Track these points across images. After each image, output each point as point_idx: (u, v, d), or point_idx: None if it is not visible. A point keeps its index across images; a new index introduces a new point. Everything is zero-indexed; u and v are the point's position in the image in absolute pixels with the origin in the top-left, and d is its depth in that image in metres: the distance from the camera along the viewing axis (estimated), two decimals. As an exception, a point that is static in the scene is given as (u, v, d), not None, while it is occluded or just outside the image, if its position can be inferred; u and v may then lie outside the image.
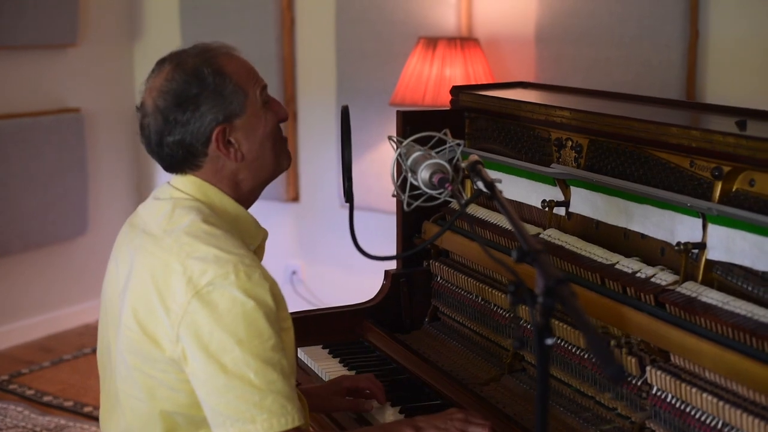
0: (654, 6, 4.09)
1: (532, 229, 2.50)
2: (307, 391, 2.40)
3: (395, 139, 2.09)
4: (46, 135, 5.51)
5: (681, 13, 4.02)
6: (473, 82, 4.31)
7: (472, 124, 2.89)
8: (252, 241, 2.08)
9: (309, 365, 2.72)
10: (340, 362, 2.69)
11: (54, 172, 5.58)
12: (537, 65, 4.55)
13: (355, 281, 5.19)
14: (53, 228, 5.58)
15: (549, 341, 1.43)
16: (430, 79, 4.42)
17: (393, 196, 2.08)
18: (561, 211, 2.50)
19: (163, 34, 6.00)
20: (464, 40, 4.49)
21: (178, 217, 1.98)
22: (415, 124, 2.80)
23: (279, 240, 5.74)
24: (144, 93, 2.04)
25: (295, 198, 5.63)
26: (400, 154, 2.06)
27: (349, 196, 2.13)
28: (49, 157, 5.54)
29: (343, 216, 5.29)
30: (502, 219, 2.62)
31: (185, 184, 2.05)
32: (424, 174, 1.97)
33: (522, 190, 2.64)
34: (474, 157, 1.99)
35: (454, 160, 2.01)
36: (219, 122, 2.00)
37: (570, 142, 2.48)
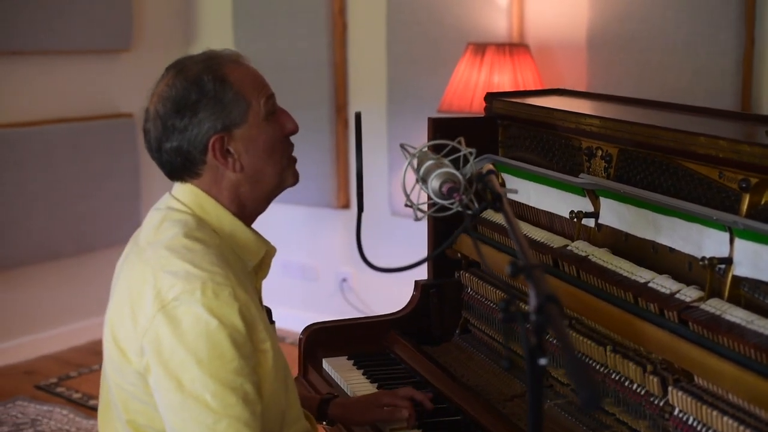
0: (708, 12, 3.98)
1: (560, 241, 2.42)
2: (345, 403, 2.37)
3: (408, 147, 2.02)
4: (98, 140, 5.54)
5: (735, 20, 3.91)
6: (521, 89, 4.23)
7: (505, 132, 2.81)
8: (251, 258, 2.03)
9: (332, 376, 2.67)
10: (363, 374, 2.64)
11: (106, 177, 5.61)
12: (588, 71, 4.46)
13: (406, 290, 5.12)
14: (106, 232, 5.61)
15: (542, 362, 1.36)
16: (478, 86, 4.35)
17: (406, 206, 2.02)
18: (591, 222, 2.41)
19: (217, 40, 5.99)
20: (513, 46, 4.42)
21: (164, 230, 1.95)
22: (446, 132, 2.73)
23: (329, 247, 5.70)
24: (149, 98, 2.00)
25: (346, 205, 5.59)
26: (412, 163, 1.99)
27: (360, 204, 2.07)
28: (101, 162, 5.57)
29: (395, 224, 5.24)
30: (531, 229, 2.55)
31: (184, 194, 2.01)
32: (434, 183, 1.90)
33: (553, 200, 2.56)
34: (488, 167, 1.92)
35: (468, 169, 1.94)
36: (217, 131, 1.95)
37: (600, 152, 2.40)
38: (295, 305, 5.82)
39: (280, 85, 5.55)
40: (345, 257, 5.64)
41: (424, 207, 1.99)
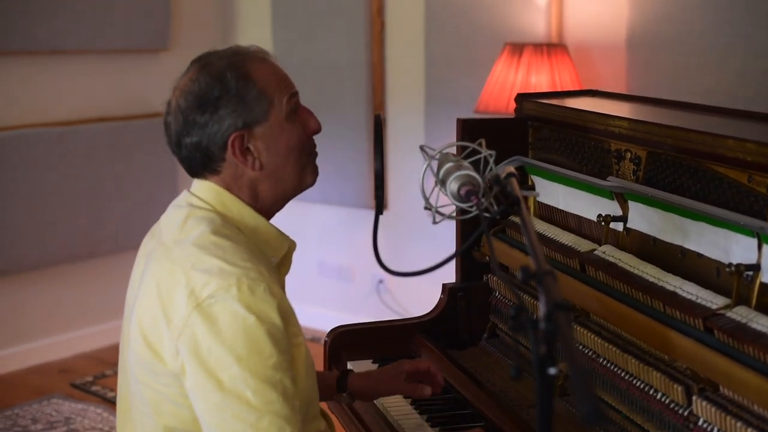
0: (748, 12, 3.90)
1: (587, 246, 2.38)
2: (367, 375, 2.37)
3: (427, 149, 1.99)
4: (136, 139, 5.56)
5: (777, 20, 3.82)
6: (559, 89, 4.18)
7: (535, 133, 2.77)
8: (274, 253, 2.01)
9: (355, 380, 2.64)
10: (387, 378, 2.60)
11: (144, 176, 5.62)
12: (627, 73, 4.40)
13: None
14: (143, 231, 5.57)
15: (552, 371, 1.32)
16: (515, 87, 4.30)
17: (425, 209, 1.98)
18: (620, 226, 2.36)
19: (255, 39, 5.98)
20: (551, 47, 4.36)
21: (189, 228, 1.92)
22: (475, 133, 2.69)
23: (366, 248, 5.67)
24: (172, 91, 1.99)
25: (384, 205, 5.56)
26: (431, 165, 1.96)
27: (379, 206, 2.03)
28: (139, 162, 5.59)
29: (434, 225, 5.19)
30: (558, 233, 2.50)
31: (203, 191, 1.99)
32: (453, 186, 1.86)
33: (582, 203, 2.51)
34: (509, 169, 1.88)
35: (489, 172, 1.90)
36: (238, 128, 1.93)
37: (629, 154, 2.35)
38: (330, 306, 5.81)
39: (317, 85, 5.60)
40: (384, 258, 5.61)
41: (445, 210, 1.95)
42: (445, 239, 5.10)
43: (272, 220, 2.06)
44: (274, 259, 2.01)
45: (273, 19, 5.81)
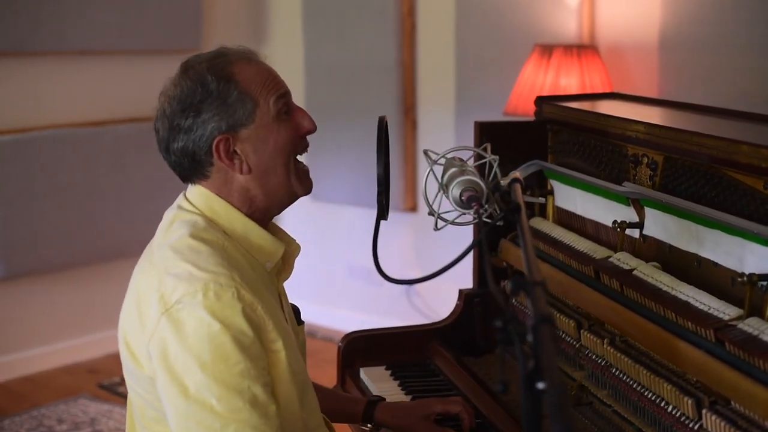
0: (783, 13, 3.82)
1: (603, 252, 2.32)
2: (395, 410, 2.30)
3: (431, 154, 1.94)
4: (166, 140, 5.54)
5: (812, 21, 3.74)
6: (589, 92, 4.11)
7: (555, 137, 2.72)
8: (267, 258, 1.97)
9: (367, 386, 2.60)
10: (399, 385, 2.56)
11: (174, 177, 5.59)
12: (660, 75, 4.32)
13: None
14: (173, 232, 5.60)
15: (540, 386, 1.27)
16: (544, 89, 4.24)
17: (429, 214, 1.94)
18: (636, 233, 2.30)
19: (286, 40, 5.98)
20: (581, 48, 4.30)
21: (172, 231, 1.91)
22: (493, 136, 2.64)
23: (395, 250, 5.64)
24: (158, 97, 1.96)
25: (413, 208, 5.52)
26: (433, 170, 1.91)
27: (380, 212, 1.99)
28: (169, 162, 5.57)
29: (464, 229, 5.15)
30: (575, 239, 2.45)
31: (194, 195, 1.97)
32: (455, 191, 1.82)
33: (599, 209, 2.45)
34: (514, 175, 1.83)
35: (493, 175, 1.86)
36: (222, 131, 1.89)
37: (646, 159, 2.29)
38: (359, 309, 5.77)
39: (347, 85, 5.57)
40: (411, 261, 5.57)
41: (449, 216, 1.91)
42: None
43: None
44: (268, 265, 1.97)
45: (304, 20, 5.79)
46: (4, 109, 5.00)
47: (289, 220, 6.27)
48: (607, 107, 2.71)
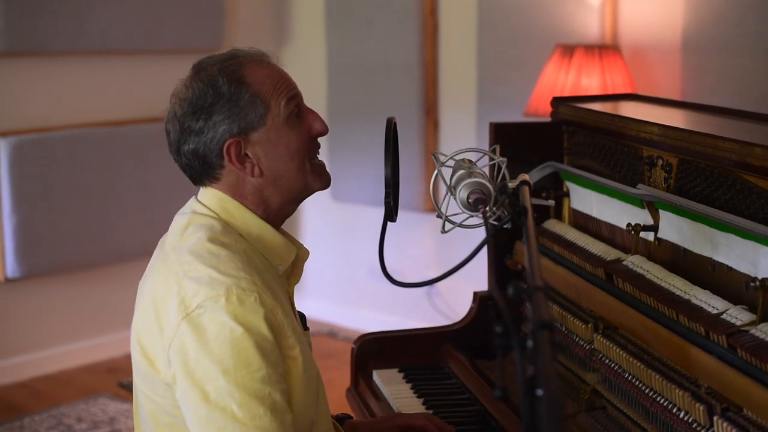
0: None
1: (615, 255, 2.29)
2: (361, 423, 2.25)
3: (439, 156, 1.92)
4: (188, 139, 5.54)
5: (836, 21, 3.69)
6: (610, 93, 4.07)
7: (570, 138, 2.69)
8: (281, 261, 1.95)
9: (380, 388, 2.58)
10: (411, 388, 2.54)
11: (194, 177, 5.61)
12: (682, 76, 4.28)
13: (494, 296, 5.01)
14: (194, 232, 5.61)
15: (539, 392, 1.25)
16: (565, 89, 4.21)
17: (437, 217, 1.92)
18: (651, 236, 2.28)
19: (309, 39, 5.97)
20: (603, 48, 4.26)
21: (189, 234, 1.88)
22: (508, 138, 2.63)
23: (416, 251, 5.62)
24: (170, 99, 1.95)
25: (434, 208, 5.49)
26: (441, 172, 1.89)
27: (388, 214, 1.97)
28: (191, 162, 5.58)
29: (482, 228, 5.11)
30: (589, 242, 2.42)
31: (207, 198, 1.95)
32: (462, 193, 1.80)
33: (614, 211, 2.43)
34: (522, 177, 1.81)
35: (500, 177, 1.83)
36: (233, 134, 1.88)
37: (660, 161, 2.26)
38: (381, 309, 5.75)
39: (369, 85, 5.55)
40: (432, 262, 5.55)
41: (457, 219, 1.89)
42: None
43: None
44: (281, 268, 1.95)
45: (327, 20, 5.77)
46: (25, 109, 5.01)
47: (310, 220, 6.27)
48: (622, 108, 2.68)
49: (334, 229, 6.00)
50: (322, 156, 2.02)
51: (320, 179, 1.97)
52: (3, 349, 5.06)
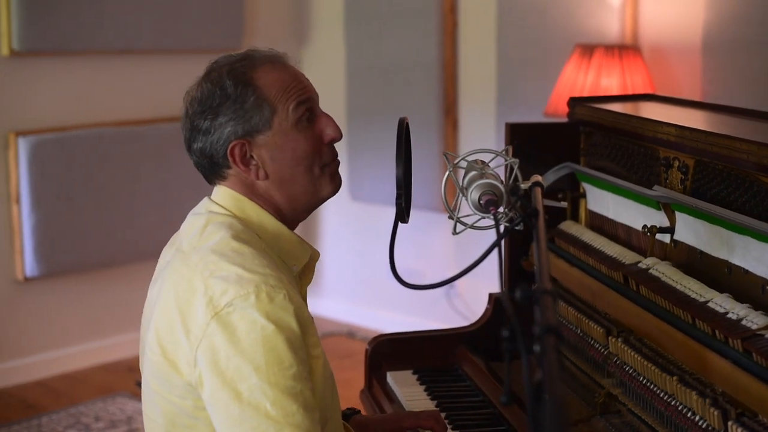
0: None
1: (633, 257, 2.27)
2: (368, 419, 2.24)
3: (450, 156, 1.91)
4: (207, 139, 5.55)
5: None
6: (630, 93, 4.04)
7: (587, 139, 2.66)
8: (295, 262, 1.94)
9: (394, 390, 2.56)
10: (425, 390, 2.52)
11: (213, 176, 5.61)
12: (703, 76, 4.24)
13: (514, 297, 4.99)
14: (214, 231, 5.61)
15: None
16: (585, 90, 4.18)
17: (449, 218, 1.90)
18: (667, 238, 2.25)
19: (328, 39, 5.96)
20: (623, 48, 4.23)
21: (208, 234, 1.87)
22: (524, 138, 2.61)
23: (435, 252, 5.60)
24: (184, 97, 1.95)
25: (453, 208, 5.47)
26: (452, 172, 1.88)
27: (399, 215, 1.95)
28: (210, 161, 5.58)
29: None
30: (605, 243, 2.40)
31: (222, 197, 1.94)
32: (474, 194, 1.78)
33: (631, 213, 2.40)
34: (535, 178, 1.79)
35: (513, 178, 1.81)
36: (238, 136, 1.87)
37: (677, 162, 2.23)
38: (400, 310, 5.73)
39: (388, 84, 5.54)
40: (451, 262, 5.53)
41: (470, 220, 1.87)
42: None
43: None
44: (295, 269, 1.94)
45: (346, 19, 5.77)
46: (45, 108, 5.03)
47: (330, 220, 6.26)
48: (639, 109, 2.66)
49: (353, 229, 5.99)
50: (341, 156, 2.00)
51: (329, 186, 1.96)
52: (22, 347, 5.08)
